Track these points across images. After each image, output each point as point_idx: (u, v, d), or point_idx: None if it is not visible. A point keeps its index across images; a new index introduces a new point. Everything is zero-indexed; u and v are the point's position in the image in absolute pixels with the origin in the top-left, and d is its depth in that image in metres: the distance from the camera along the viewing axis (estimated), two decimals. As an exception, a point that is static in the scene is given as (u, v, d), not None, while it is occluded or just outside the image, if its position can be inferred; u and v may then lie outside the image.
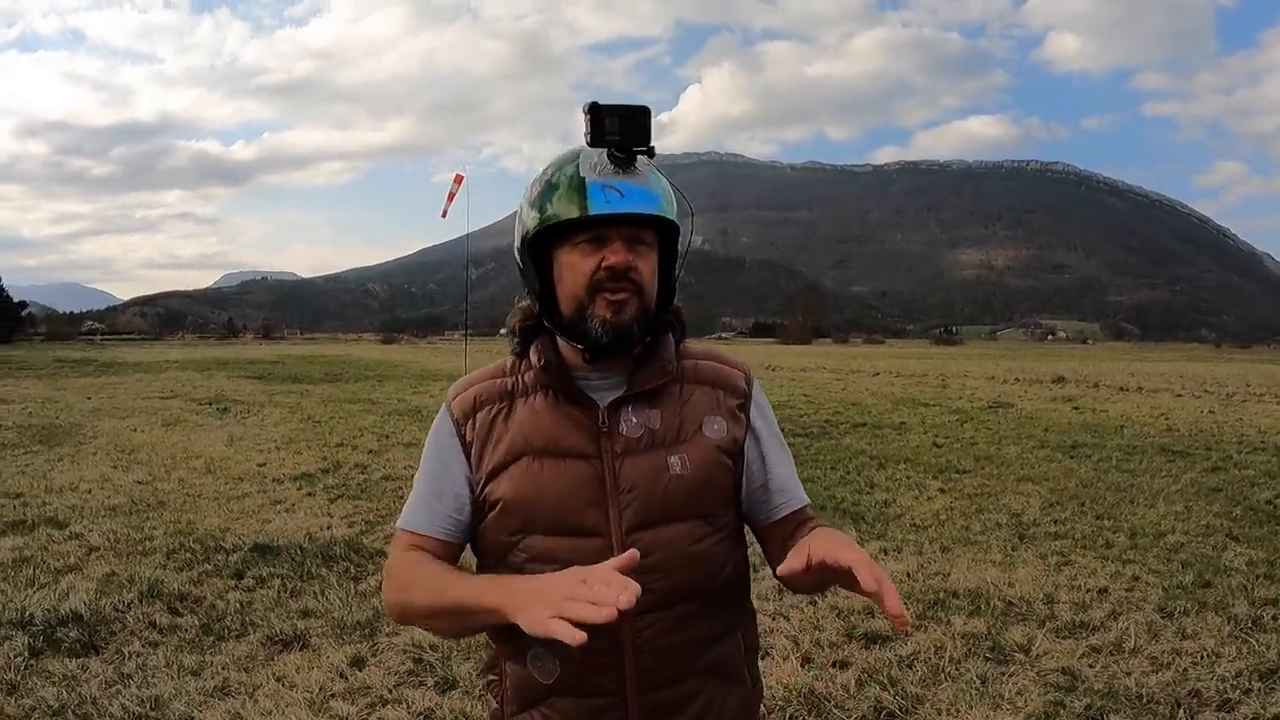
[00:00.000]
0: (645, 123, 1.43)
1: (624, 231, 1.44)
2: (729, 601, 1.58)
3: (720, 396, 1.58)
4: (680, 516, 1.48)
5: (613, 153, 1.44)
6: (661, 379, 1.53)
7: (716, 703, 1.55)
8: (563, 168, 1.46)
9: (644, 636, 1.47)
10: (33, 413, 16.26)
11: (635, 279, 1.45)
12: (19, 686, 4.17)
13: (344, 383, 26.32)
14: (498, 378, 1.60)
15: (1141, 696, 4.02)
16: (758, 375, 1.69)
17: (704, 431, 1.53)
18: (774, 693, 4.07)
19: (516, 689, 1.55)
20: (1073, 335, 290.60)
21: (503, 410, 1.55)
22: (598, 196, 1.41)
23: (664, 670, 1.49)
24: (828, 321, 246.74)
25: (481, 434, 1.54)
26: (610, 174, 1.43)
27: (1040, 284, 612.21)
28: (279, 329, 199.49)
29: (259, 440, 12.94)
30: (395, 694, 4.14)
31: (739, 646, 1.60)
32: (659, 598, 1.45)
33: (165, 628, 5.00)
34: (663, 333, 1.57)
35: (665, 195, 1.48)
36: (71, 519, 7.57)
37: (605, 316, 1.44)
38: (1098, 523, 7.49)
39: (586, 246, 1.45)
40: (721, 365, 1.63)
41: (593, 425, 1.50)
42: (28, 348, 57.96)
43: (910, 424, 15.02)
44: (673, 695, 1.51)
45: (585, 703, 1.49)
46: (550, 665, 1.49)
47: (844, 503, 8.40)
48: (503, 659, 1.57)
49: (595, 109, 1.42)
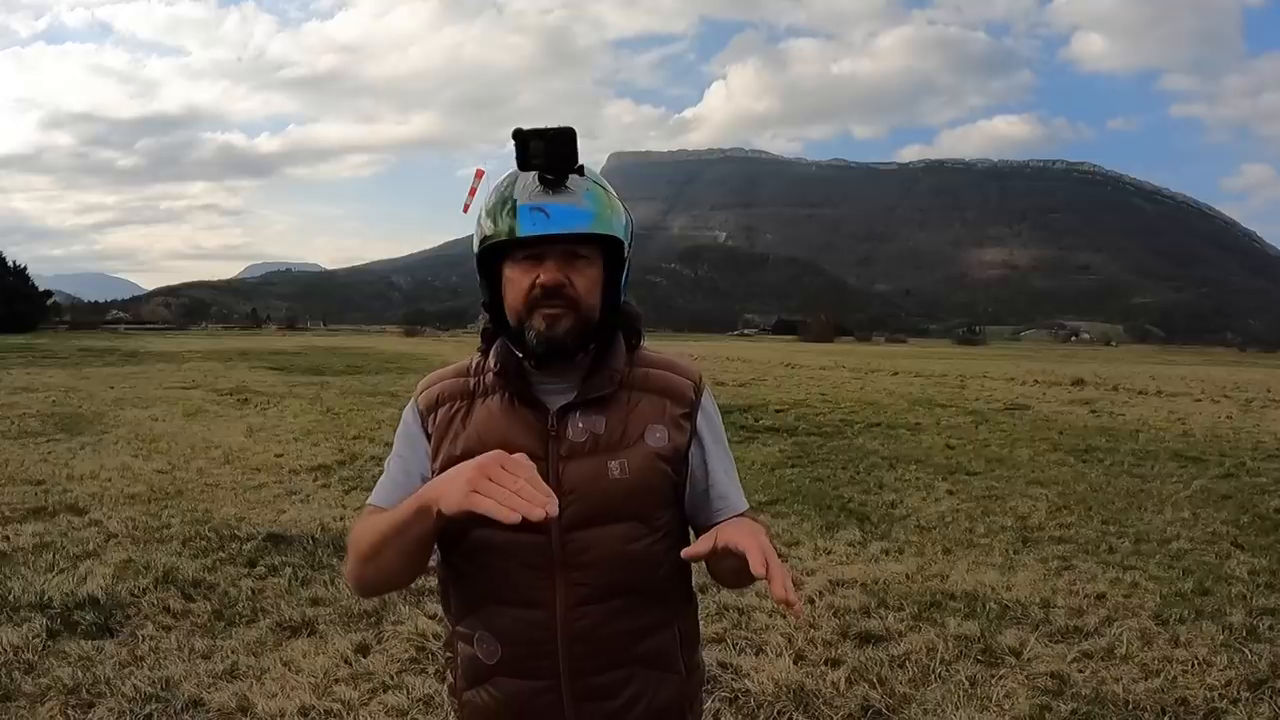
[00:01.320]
0: (570, 145, 1.50)
1: (558, 249, 1.53)
2: (664, 597, 1.68)
3: (666, 405, 1.66)
4: (617, 518, 1.58)
5: (543, 175, 1.52)
6: (608, 388, 1.63)
7: (649, 690, 1.66)
8: (510, 186, 1.55)
9: (578, 626, 1.58)
10: (56, 401, 16.44)
11: (570, 294, 1.54)
12: (36, 666, 4.30)
13: (364, 375, 26.44)
14: (461, 376, 1.71)
15: (1129, 703, 4.07)
16: (775, 374, 1.79)
17: (645, 439, 1.62)
18: (763, 689, 4.14)
19: (465, 667, 1.68)
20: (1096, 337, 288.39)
21: (461, 409, 1.66)
22: (525, 219, 1.49)
23: (597, 658, 1.60)
24: (850, 320, 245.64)
25: (440, 429, 1.65)
26: (539, 195, 1.51)
27: (1065, 285, 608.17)
28: (302, 320, 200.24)
29: (278, 431, 13.09)
30: (397, 680, 4.26)
31: (674, 638, 1.70)
32: (594, 591, 1.58)
33: (179, 612, 5.13)
34: (613, 338, 1.66)
35: (598, 211, 1.54)
36: (91, 506, 7.72)
37: (540, 330, 1.54)
38: (1103, 528, 7.52)
39: (525, 264, 1.54)
40: (672, 375, 1.70)
41: (542, 428, 1.60)
42: (52, 336, 58.42)
43: (925, 425, 15.02)
44: (605, 681, 1.62)
45: (524, 684, 1.61)
46: (493, 647, 1.62)
47: (850, 502, 8.45)
48: (456, 639, 1.69)
49: (520, 135, 1.50)
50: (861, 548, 6.81)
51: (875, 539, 7.08)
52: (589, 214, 1.53)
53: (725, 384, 23.33)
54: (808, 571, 6.08)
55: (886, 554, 6.63)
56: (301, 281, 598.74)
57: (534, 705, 1.62)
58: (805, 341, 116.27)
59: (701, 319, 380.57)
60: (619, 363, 1.66)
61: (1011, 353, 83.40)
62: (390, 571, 1.54)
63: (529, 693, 1.61)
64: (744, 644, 4.74)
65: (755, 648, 4.70)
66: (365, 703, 4.04)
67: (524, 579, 1.58)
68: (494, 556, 1.59)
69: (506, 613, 1.60)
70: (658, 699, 1.67)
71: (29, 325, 68.98)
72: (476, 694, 1.66)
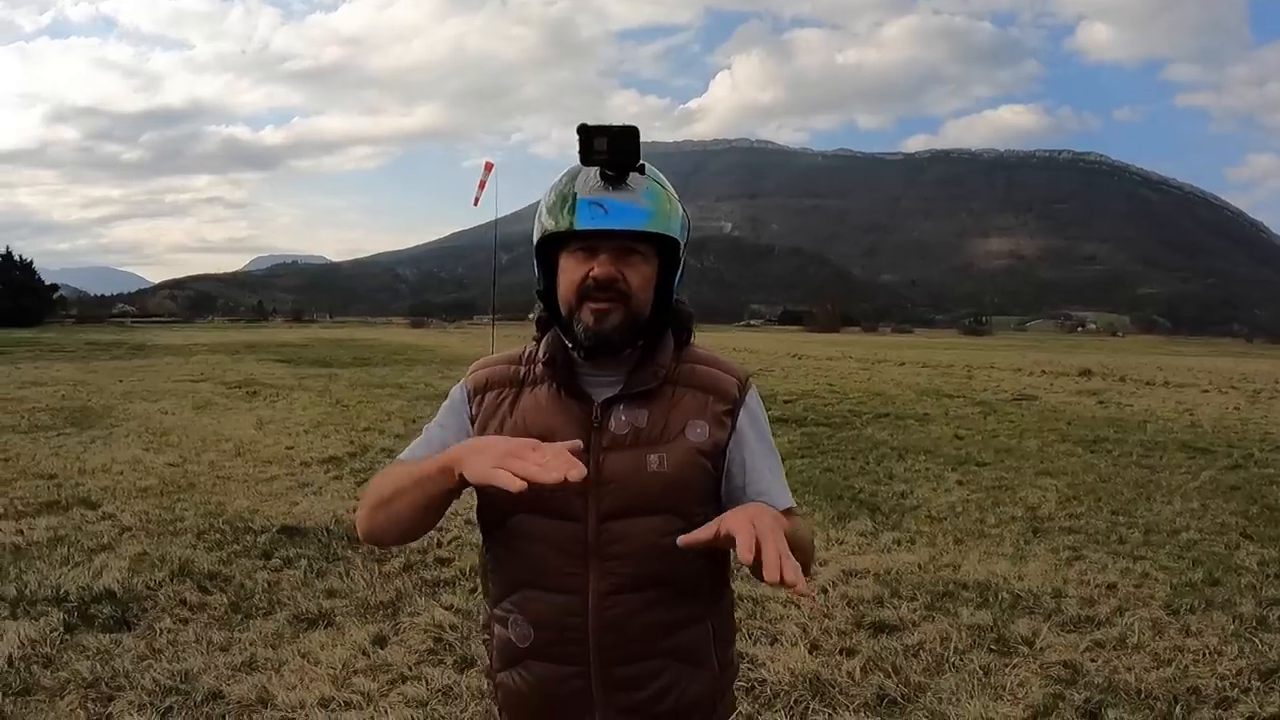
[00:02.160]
0: (633, 142, 1.52)
1: (613, 244, 1.57)
2: (698, 592, 1.69)
3: (709, 402, 1.68)
4: (653, 510, 1.60)
5: (604, 170, 1.55)
6: (653, 383, 1.66)
7: (680, 683, 1.67)
8: (571, 180, 1.59)
9: (609, 615, 1.61)
10: (65, 395, 16.47)
11: (621, 289, 1.58)
12: (54, 660, 4.33)
13: (372, 367, 26.47)
14: (512, 364, 1.74)
15: (1140, 692, 4.09)
16: (782, 365, 1.81)
17: (686, 434, 1.64)
18: (779, 678, 4.17)
19: (500, 649, 1.71)
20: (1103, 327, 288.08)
21: (509, 396, 1.70)
22: (584, 213, 1.54)
23: (627, 648, 1.63)
24: (856, 310, 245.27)
25: (487, 413, 1.69)
26: (599, 191, 1.55)
27: (1071, 275, 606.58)
28: (309, 312, 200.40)
29: (287, 424, 13.11)
30: (415, 671, 4.28)
31: (707, 634, 1.71)
32: (626, 581, 1.61)
33: (195, 605, 5.16)
34: (662, 335, 1.69)
35: (657, 210, 1.58)
36: (104, 500, 7.74)
37: (588, 323, 1.58)
38: (1112, 518, 7.53)
39: (580, 255, 1.59)
40: (717, 371, 1.72)
41: (586, 419, 1.64)
42: (60, 330, 58.53)
43: (933, 415, 15.04)
44: (634, 672, 1.64)
45: (554, 668, 1.65)
46: (525, 630, 1.65)
47: (861, 493, 8.47)
48: (493, 621, 1.73)
49: (585, 130, 1.52)
50: (873, 538, 6.83)
51: (887, 529, 7.10)
52: (647, 212, 1.57)
53: (732, 375, 23.31)
54: (821, 562, 6.09)
55: (898, 544, 6.65)
56: (308, 274, 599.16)
57: (563, 690, 1.64)
58: (811, 332, 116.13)
59: (708, 310, 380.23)
60: (665, 359, 1.69)
61: (1018, 343, 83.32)
62: (399, 521, 1.56)
63: (559, 678, 1.64)
64: (759, 634, 4.76)
65: (770, 637, 4.72)
66: (384, 694, 4.07)
67: (558, 565, 1.61)
68: (531, 542, 1.62)
69: (540, 597, 1.63)
70: (688, 693, 1.68)
71: (36, 319, 69.07)
72: (509, 676, 1.70)
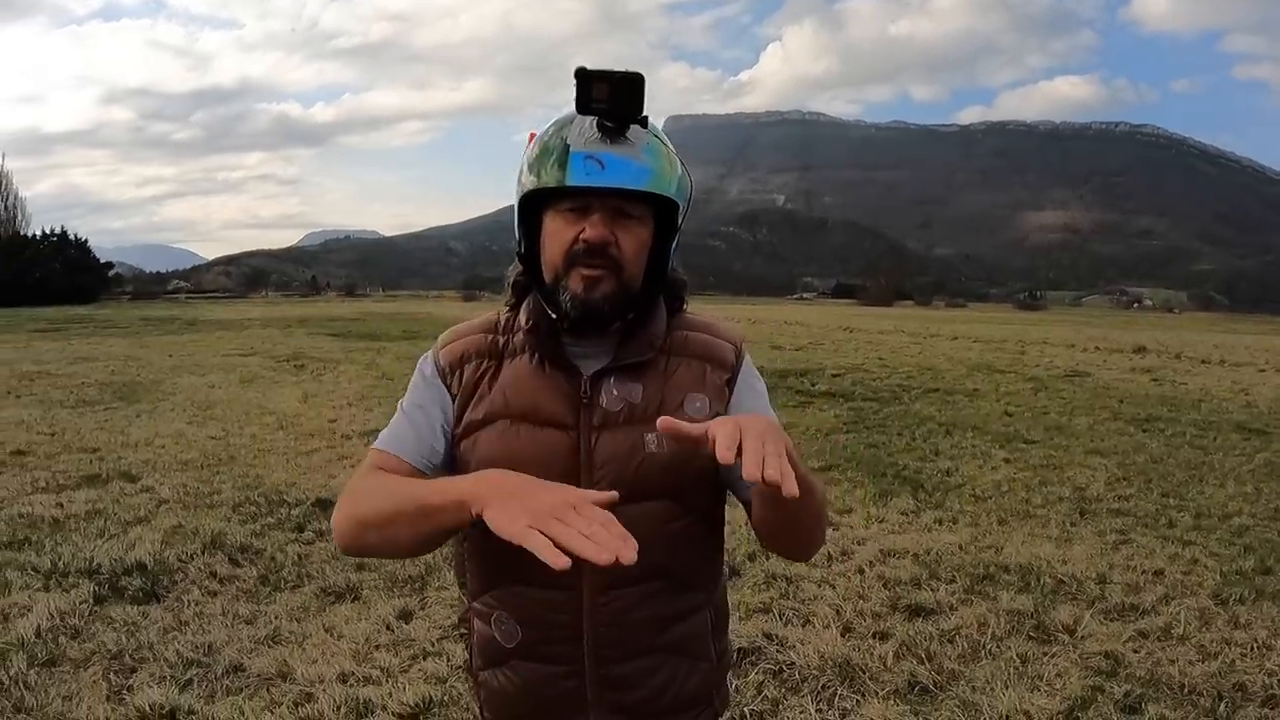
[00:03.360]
0: (637, 91, 1.37)
1: (608, 203, 1.41)
2: (697, 582, 1.57)
3: (706, 371, 1.54)
4: (652, 495, 1.46)
5: (602, 121, 1.39)
6: (646, 354, 1.51)
7: (678, 679, 1.55)
8: (559, 130, 1.43)
9: (606, 611, 1.48)
10: (115, 370, 16.61)
11: (613, 255, 1.42)
12: (82, 631, 4.35)
13: (421, 340, 26.45)
14: (488, 333, 1.59)
15: (1184, 686, 3.93)
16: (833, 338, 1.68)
17: (685, 409, 1.49)
18: (808, 661, 4.08)
19: (482, 647, 1.58)
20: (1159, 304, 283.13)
21: (489, 369, 1.55)
22: (578, 167, 1.37)
23: (624, 645, 1.50)
24: (910, 284, 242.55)
25: (467, 389, 1.54)
26: (596, 144, 1.39)
27: (1127, 250, 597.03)
28: (361, 286, 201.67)
29: (332, 397, 13.16)
30: (437, 647, 4.25)
31: (705, 625, 1.59)
32: (622, 574, 1.40)
33: (225, 578, 5.17)
34: (654, 304, 1.54)
35: (658, 169, 1.41)
36: (144, 473, 7.80)
37: (576, 292, 1.43)
38: (1163, 500, 7.32)
39: (569, 215, 1.43)
40: (711, 338, 1.58)
41: (574, 395, 1.49)
42: (114, 307, 59.39)
43: (983, 391, 14.77)
44: (631, 669, 1.51)
45: (544, 669, 1.52)
46: (512, 629, 1.52)
47: (905, 470, 8.32)
48: (472, 615, 1.60)
49: (583, 74, 1.36)
50: (915, 516, 6.70)
51: (929, 508, 6.96)
52: (647, 170, 1.40)
53: (782, 348, 23.18)
54: (859, 540, 5.99)
55: (940, 523, 6.52)
56: (360, 248, 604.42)
57: (553, 692, 1.52)
58: (864, 305, 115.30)
59: (760, 283, 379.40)
60: (659, 329, 1.55)
61: (1072, 318, 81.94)
62: (397, 545, 1.39)
63: (548, 678, 1.52)
64: (791, 615, 4.67)
65: (803, 619, 4.63)
66: (405, 669, 4.04)
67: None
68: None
69: (528, 594, 1.49)
70: (686, 688, 1.57)
71: (91, 297, 70.13)
72: (493, 675, 1.57)
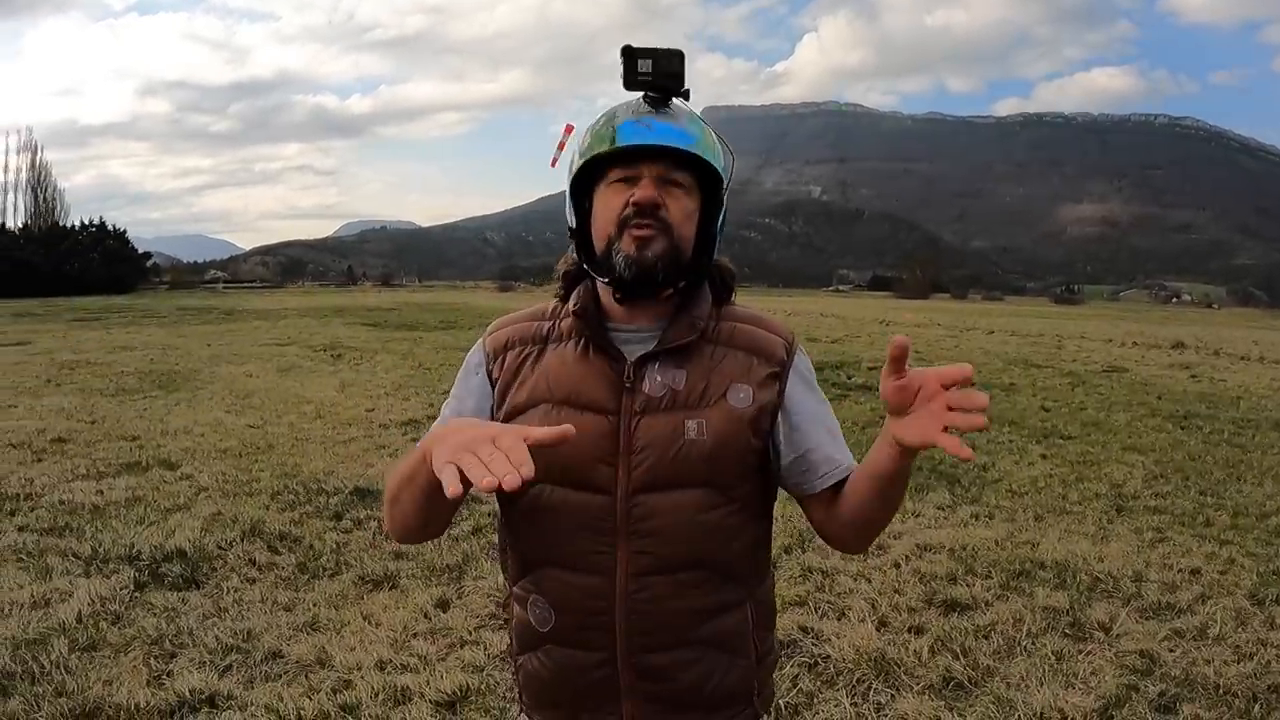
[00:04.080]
0: (679, 65, 1.48)
1: (655, 169, 1.46)
2: (738, 574, 1.55)
3: (753, 363, 1.54)
4: (691, 483, 1.47)
5: (647, 94, 1.50)
6: (691, 335, 1.52)
7: (715, 675, 1.54)
8: (607, 112, 1.53)
9: (638, 598, 1.48)
10: (154, 359, 16.80)
11: (663, 217, 1.46)
12: (123, 617, 4.43)
13: (458, 330, 26.51)
14: (535, 321, 1.63)
15: (1219, 687, 3.89)
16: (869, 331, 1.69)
17: (728, 398, 1.50)
18: (843, 655, 4.08)
19: (519, 631, 1.60)
20: (1198, 299, 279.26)
21: (532, 354, 1.58)
22: (627, 129, 1.46)
23: (658, 635, 1.50)
24: (946, 277, 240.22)
25: (508, 374, 1.57)
26: (644, 112, 1.48)
27: (1165, 244, 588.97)
28: (398, 277, 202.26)
29: (369, 386, 13.25)
30: (474, 636, 4.30)
31: (746, 620, 1.57)
32: (659, 562, 1.47)
33: (264, 565, 5.25)
34: (700, 285, 1.58)
35: (702, 138, 1.49)
36: (184, 461, 7.90)
37: (629, 252, 1.46)
38: (1200, 499, 7.24)
39: (619, 185, 1.48)
40: (762, 331, 1.59)
41: (617, 380, 1.50)
42: (153, 296, 60.01)
43: (1020, 385, 14.63)
44: (666, 660, 1.51)
45: (577, 655, 1.52)
46: (546, 613, 1.53)
47: (941, 464, 8.25)
48: (512, 600, 1.62)
49: (629, 51, 1.47)
50: (951, 511, 6.67)
51: (965, 503, 6.93)
52: (692, 135, 1.48)
53: (818, 340, 23.06)
54: (895, 535, 5.97)
55: (976, 519, 6.48)
56: (397, 239, 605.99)
57: (587, 679, 1.52)
58: (900, 298, 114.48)
59: (796, 274, 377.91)
60: (704, 311, 1.56)
61: (1110, 313, 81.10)
62: (407, 517, 1.44)
63: (582, 665, 1.52)
64: (826, 608, 4.68)
65: (838, 612, 4.63)
66: (442, 658, 4.08)
67: (584, 543, 1.48)
68: (553, 517, 1.49)
69: (562, 578, 1.51)
70: (724, 684, 1.55)
71: (130, 286, 70.86)
72: (530, 659, 1.59)
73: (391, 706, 3.63)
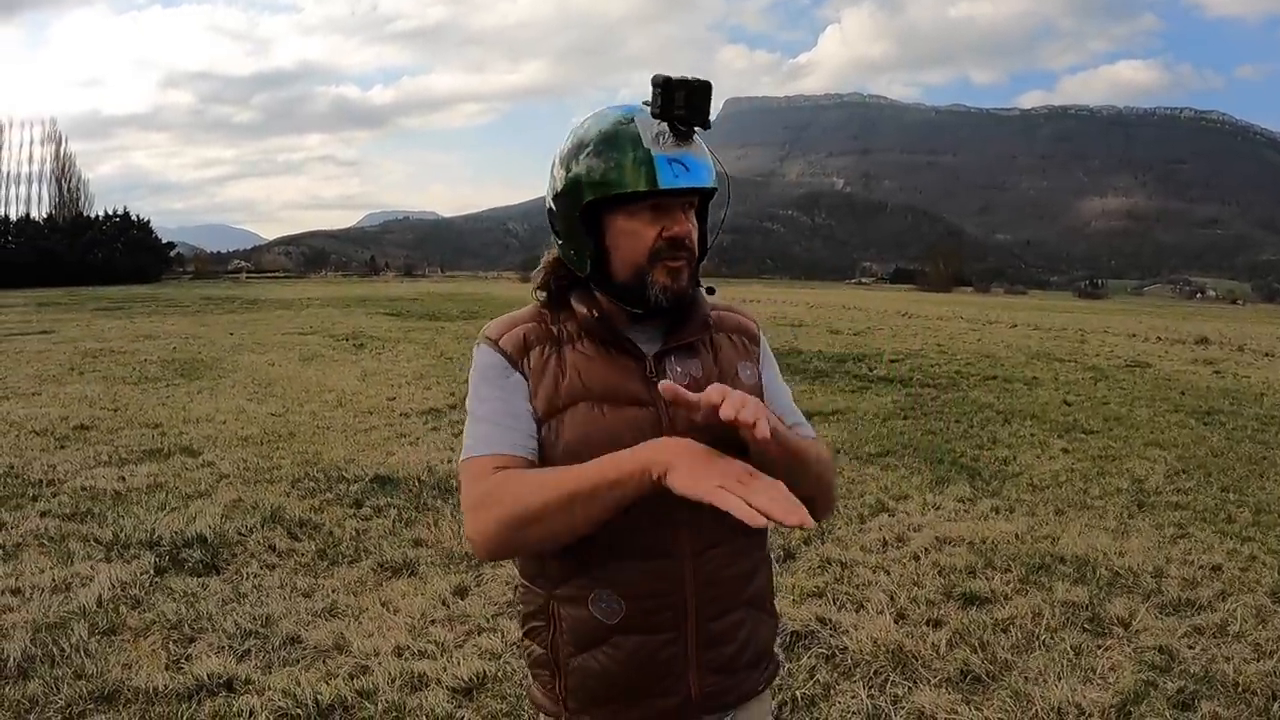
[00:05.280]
0: (709, 98, 1.49)
1: (684, 201, 1.55)
2: (761, 536, 1.70)
3: (743, 343, 1.71)
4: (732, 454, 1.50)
5: (676, 126, 1.50)
6: (702, 333, 1.64)
7: (757, 632, 1.68)
8: (619, 132, 1.52)
9: (705, 571, 1.57)
10: (177, 348, 16.94)
11: (690, 246, 1.56)
12: (143, 601, 4.48)
13: (480, 320, 26.38)
14: (540, 322, 1.65)
15: (1238, 684, 3.86)
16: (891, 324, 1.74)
17: (740, 377, 1.64)
18: (861, 647, 4.07)
19: (574, 631, 1.60)
20: (1223, 294, 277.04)
21: (553, 354, 1.61)
22: (666, 171, 1.49)
23: (719, 602, 1.60)
24: (969, 270, 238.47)
25: (538, 371, 1.59)
26: (673, 147, 1.51)
27: (1191, 239, 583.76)
28: (420, 267, 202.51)
29: (391, 375, 13.34)
30: (492, 623, 4.31)
31: (769, 579, 1.74)
32: (715, 534, 1.56)
33: (283, 551, 5.29)
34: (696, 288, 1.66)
35: (712, 164, 1.57)
36: (205, 448, 7.96)
37: (666, 283, 1.55)
38: (1222, 495, 7.17)
39: (648, 215, 1.53)
40: (736, 315, 1.76)
41: (642, 374, 1.58)
42: (176, 286, 60.42)
43: (1042, 379, 14.54)
44: (724, 625, 1.62)
45: (648, 639, 1.57)
46: (615, 606, 1.56)
47: (962, 457, 8.25)
48: (556, 603, 1.61)
49: (666, 82, 1.47)
50: (971, 505, 6.64)
51: (985, 496, 6.90)
52: (711, 168, 1.56)
53: (840, 333, 23.03)
54: (915, 527, 5.97)
55: (996, 512, 6.45)
56: (419, 229, 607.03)
57: (657, 659, 1.58)
58: (923, 291, 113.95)
59: (818, 266, 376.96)
60: (707, 309, 1.68)
61: (1134, 308, 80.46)
62: (562, 534, 1.43)
63: (652, 647, 1.57)
64: (845, 600, 4.67)
65: (856, 604, 4.62)
66: (460, 645, 4.10)
67: (648, 531, 1.53)
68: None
69: (630, 567, 1.55)
70: (760, 640, 1.69)
71: (154, 276, 71.39)
72: (590, 658, 1.59)
73: (408, 692, 3.65)
